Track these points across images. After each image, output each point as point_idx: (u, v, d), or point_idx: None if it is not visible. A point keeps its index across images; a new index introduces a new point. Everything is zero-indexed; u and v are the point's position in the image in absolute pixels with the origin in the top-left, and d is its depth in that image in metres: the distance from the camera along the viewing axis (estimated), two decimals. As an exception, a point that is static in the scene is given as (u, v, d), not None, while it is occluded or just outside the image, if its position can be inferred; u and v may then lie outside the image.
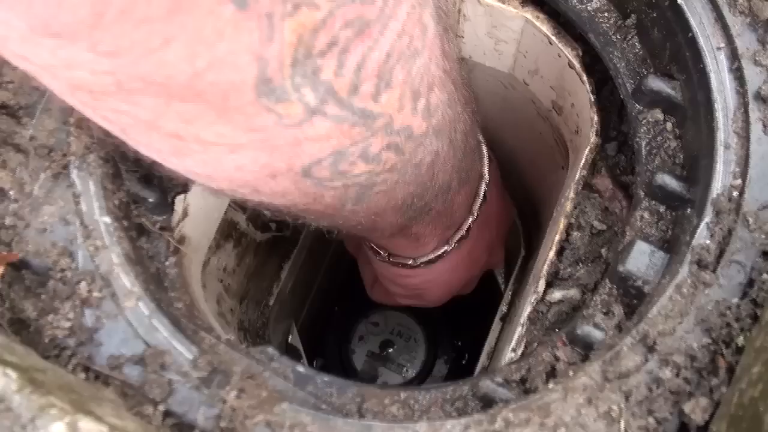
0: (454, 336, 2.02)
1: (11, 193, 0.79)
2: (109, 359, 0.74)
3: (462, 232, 1.07)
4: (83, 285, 0.76)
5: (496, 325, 1.43)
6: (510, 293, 1.45)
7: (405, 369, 1.92)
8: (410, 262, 1.12)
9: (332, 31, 0.50)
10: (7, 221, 0.78)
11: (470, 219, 1.06)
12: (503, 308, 1.42)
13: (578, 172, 0.96)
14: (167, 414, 0.72)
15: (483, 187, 1.07)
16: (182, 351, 0.75)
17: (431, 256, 1.10)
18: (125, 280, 0.77)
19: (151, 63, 0.47)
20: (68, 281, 0.77)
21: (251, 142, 0.58)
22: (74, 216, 0.79)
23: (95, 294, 0.76)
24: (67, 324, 0.75)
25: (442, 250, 1.09)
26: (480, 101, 1.30)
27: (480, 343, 1.51)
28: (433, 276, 1.17)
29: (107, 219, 0.79)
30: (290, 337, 1.71)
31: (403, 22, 0.56)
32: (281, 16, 0.47)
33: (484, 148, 1.08)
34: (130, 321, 0.76)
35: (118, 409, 0.68)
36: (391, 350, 1.95)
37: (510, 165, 1.38)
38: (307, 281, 1.78)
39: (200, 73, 0.49)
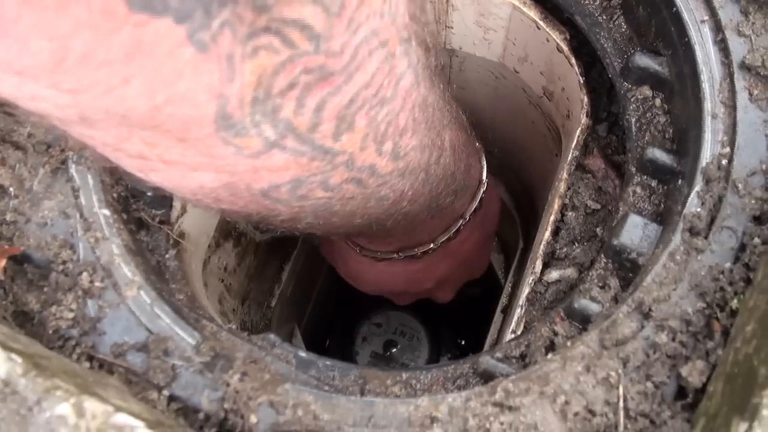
0: (457, 333, 2.03)
1: (11, 189, 0.80)
2: (113, 347, 0.75)
3: (460, 223, 1.08)
4: (85, 276, 0.77)
5: (497, 317, 1.43)
6: (510, 285, 1.46)
7: (410, 367, 1.93)
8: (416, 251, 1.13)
9: (291, 74, 0.51)
10: (8, 217, 0.79)
11: (469, 212, 1.07)
12: (504, 300, 1.43)
13: (570, 153, 0.97)
14: (172, 398, 0.73)
15: (459, 223, 1.08)
16: (185, 336, 0.76)
17: (419, 251, 1.11)
18: (126, 270, 0.78)
19: (111, 98, 0.48)
20: (70, 273, 0.78)
21: (211, 165, 0.59)
22: (74, 209, 0.80)
23: (97, 284, 0.77)
24: (70, 315, 0.76)
25: (428, 248, 1.10)
26: (471, 94, 1.32)
27: (483, 340, 1.52)
28: (412, 273, 1.19)
29: (107, 211, 0.80)
30: (293, 339, 1.71)
31: (372, 74, 0.57)
32: (241, 57, 0.48)
33: (481, 192, 1.08)
34: (132, 309, 0.77)
35: (122, 393, 0.69)
36: (394, 350, 1.95)
37: (505, 157, 1.39)
38: (308, 283, 1.79)
39: (159, 107, 0.50)
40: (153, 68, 0.46)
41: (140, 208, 0.88)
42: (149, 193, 0.87)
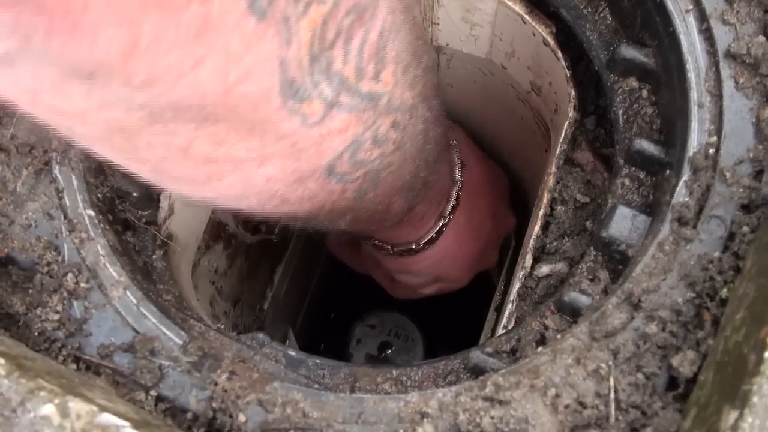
0: (452, 334, 2.02)
1: (-5, 191, 0.80)
2: (99, 348, 0.75)
3: (453, 202, 1.10)
4: (70, 277, 0.77)
5: (491, 316, 1.43)
6: (503, 283, 1.45)
7: (403, 367, 1.92)
8: (413, 246, 1.14)
9: (337, 20, 0.52)
10: (-8, 219, 0.79)
11: (456, 187, 1.10)
12: (497, 298, 1.43)
13: (559, 147, 0.96)
14: (159, 399, 0.73)
15: (456, 153, 1.11)
16: (172, 336, 0.75)
17: (431, 234, 1.12)
18: (112, 270, 0.78)
19: (184, 86, 0.48)
20: (55, 274, 0.77)
21: (279, 150, 0.60)
22: (58, 210, 0.80)
23: (82, 285, 0.77)
24: (56, 316, 0.75)
25: (440, 225, 1.11)
26: (459, 91, 1.32)
27: (477, 340, 1.51)
28: (441, 253, 1.17)
29: (91, 212, 0.80)
30: (287, 341, 1.71)
31: (387, 1, 0.58)
32: (296, 17, 0.48)
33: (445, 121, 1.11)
34: (118, 310, 0.76)
35: (109, 394, 0.69)
36: (389, 352, 1.95)
37: (494, 154, 1.39)
38: (301, 285, 1.78)
39: (231, 87, 0.50)
40: (222, 45, 0.46)
41: (126, 208, 0.88)
42: (135, 193, 0.87)
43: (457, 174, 1.10)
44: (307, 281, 1.83)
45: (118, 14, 0.41)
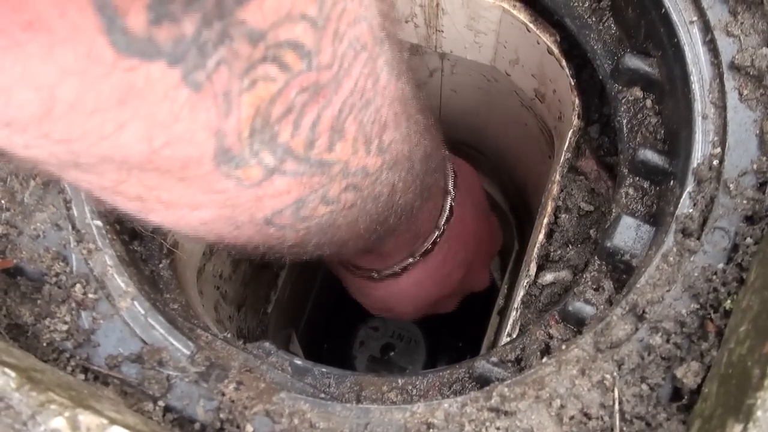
0: (455, 336, 2.03)
1: (3, 202, 0.80)
2: (108, 359, 0.75)
3: (427, 245, 1.08)
4: (78, 288, 0.77)
5: (494, 319, 1.44)
6: (506, 287, 1.46)
7: (407, 372, 1.93)
8: (374, 275, 1.13)
9: (288, 99, 0.50)
10: (0, 230, 0.79)
11: (435, 234, 1.08)
12: (500, 302, 1.43)
13: (563, 156, 0.97)
14: (167, 409, 0.73)
15: (449, 201, 1.07)
16: (179, 347, 0.76)
17: (395, 269, 1.11)
18: (120, 281, 0.78)
19: (106, 146, 0.46)
20: (63, 285, 0.78)
21: (212, 201, 0.58)
22: (66, 221, 0.80)
23: (90, 296, 0.77)
24: (64, 327, 0.76)
25: (406, 263, 1.10)
26: (463, 97, 1.32)
27: (480, 342, 1.52)
28: (399, 289, 1.17)
29: (99, 222, 0.80)
30: (290, 344, 1.71)
31: (356, 79, 0.56)
32: (238, 92, 0.46)
33: (450, 166, 1.09)
34: (126, 320, 0.77)
35: (117, 405, 0.69)
36: (392, 354, 1.95)
37: (498, 159, 1.39)
38: (304, 289, 1.79)
39: (157, 150, 0.48)
40: (148, 113, 0.45)
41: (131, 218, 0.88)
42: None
43: (442, 221, 1.08)
44: (310, 284, 1.84)
45: (35, 79, 0.40)
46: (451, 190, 1.08)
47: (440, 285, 1.22)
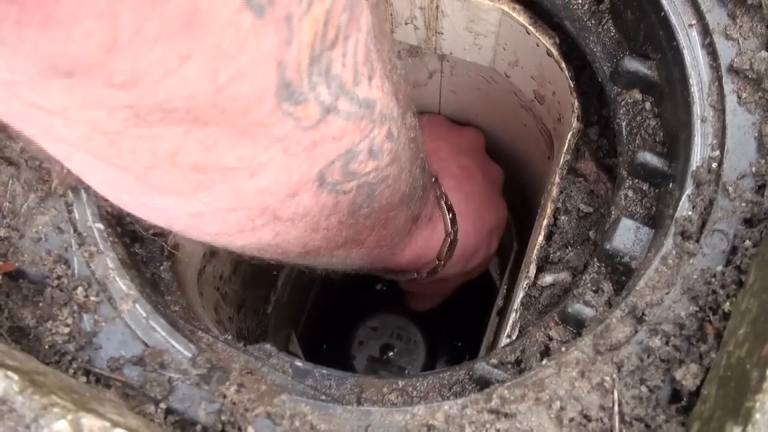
0: (453, 335, 2.03)
1: (5, 205, 0.80)
2: (109, 361, 0.76)
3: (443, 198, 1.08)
4: (80, 290, 0.77)
5: (493, 320, 1.44)
6: (505, 287, 1.46)
7: (406, 371, 1.93)
8: (445, 241, 1.09)
9: (336, 18, 0.49)
10: (2, 233, 0.79)
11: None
12: (499, 302, 1.44)
13: (562, 158, 0.97)
14: (169, 411, 0.73)
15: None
16: (181, 349, 0.76)
17: (449, 217, 1.08)
18: (121, 284, 0.78)
19: (170, 85, 0.45)
20: (65, 288, 0.78)
21: (270, 158, 0.56)
22: (67, 224, 0.80)
23: (92, 298, 0.77)
24: (66, 329, 0.76)
25: (448, 206, 1.07)
26: (463, 98, 1.32)
27: (479, 342, 1.52)
28: (467, 228, 1.15)
29: (101, 225, 0.81)
30: (290, 344, 1.72)
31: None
32: (299, 15, 0.45)
33: None
34: (127, 323, 0.77)
35: (119, 408, 0.70)
36: (391, 354, 1.96)
37: (497, 160, 1.39)
38: (303, 289, 1.79)
39: (222, 87, 0.46)
40: (212, 42, 0.43)
41: (134, 220, 0.88)
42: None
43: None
44: (310, 284, 1.84)
45: (95, 5, 0.38)
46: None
47: (485, 201, 1.22)
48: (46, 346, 0.76)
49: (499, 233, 1.33)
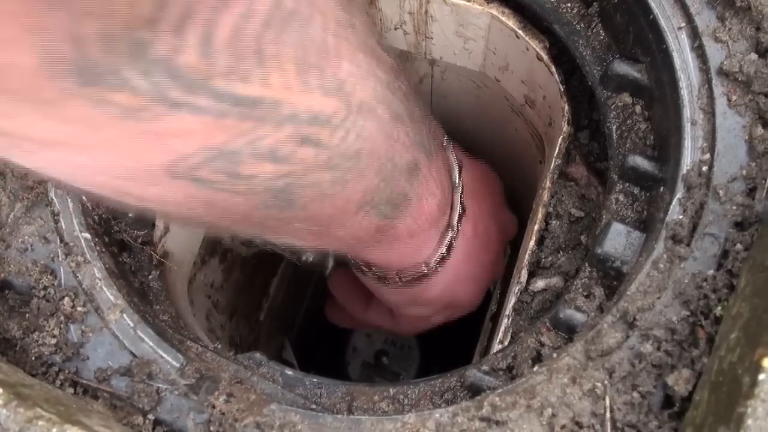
0: (447, 341, 2.02)
1: (-10, 215, 0.80)
2: (97, 372, 0.75)
3: (458, 209, 0.95)
4: (66, 301, 0.77)
5: (486, 325, 1.43)
6: (498, 292, 1.46)
7: (401, 377, 1.93)
8: (424, 269, 0.98)
9: None
10: (-12, 243, 0.79)
11: (458, 193, 0.95)
12: (492, 307, 1.43)
13: (553, 162, 0.97)
14: (157, 423, 0.73)
15: (451, 153, 0.96)
16: (169, 359, 0.75)
17: (442, 251, 0.97)
18: (108, 294, 0.78)
19: None
20: (51, 298, 0.77)
21: (96, 141, 0.48)
22: (54, 234, 0.80)
23: (79, 309, 0.77)
24: (53, 340, 0.75)
25: (448, 238, 0.96)
26: (454, 103, 1.32)
27: (473, 347, 1.51)
28: (453, 274, 1.02)
29: (87, 235, 0.80)
30: (284, 351, 1.71)
31: None
32: None
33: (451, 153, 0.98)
34: (115, 333, 0.76)
35: (107, 419, 0.69)
36: (385, 359, 1.95)
37: (489, 163, 1.39)
38: (297, 295, 1.78)
39: None
40: None
41: (122, 229, 0.88)
42: (131, 214, 0.87)
43: (456, 177, 0.94)
44: (303, 291, 1.83)
45: None
46: (447, 141, 0.96)
47: (486, 248, 1.09)
48: (33, 358, 0.75)
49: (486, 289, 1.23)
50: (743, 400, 0.58)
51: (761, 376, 0.57)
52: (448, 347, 2.03)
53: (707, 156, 0.77)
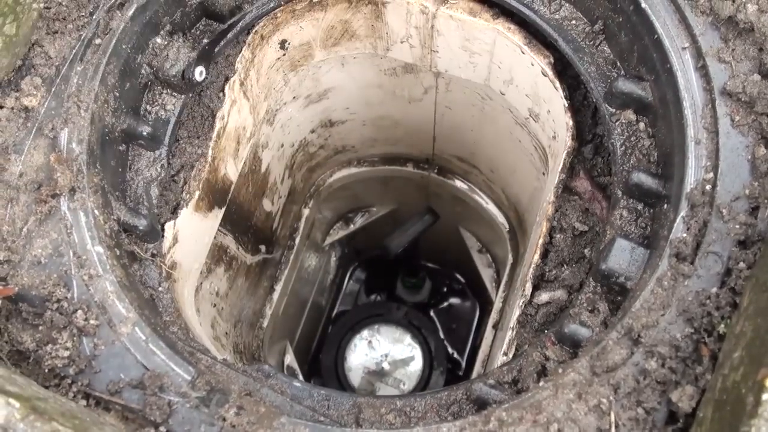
0: (449, 347, 2.03)
1: (4, 228, 0.81)
2: (109, 385, 0.76)
3: None
4: (79, 314, 0.78)
5: (488, 333, 1.44)
6: (501, 301, 1.47)
7: (402, 383, 1.94)
8: None
9: None
10: (1, 256, 0.80)
11: None
12: (494, 316, 1.44)
13: (557, 176, 0.98)
14: (169, 435, 0.74)
15: None
16: (180, 372, 0.76)
17: None
18: (120, 307, 0.79)
19: None
20: (64, 311, 0.78)
21: None
22: (67, 247, 0.81)
23: (92, 322, 0.78)
24: (66, 353, 0.76)
25: None
26: (458, 114, 1.33)
27: (474, 353, 1.53)
28: None
29: (100, 248, 0.81)
30: (287, 357, 1.72)
31: None
32: None
33: None
34: (127, 346, 0.77)
35: (120, 432, 0.70)
36: (387, 365, 1.96)
37: (492, 174, 1.40)
38: (299, 302, 1.79)
39: None
40: None
41: (132, 241, 0.89)
42: (141, 227, 0.88)
43: None
44: (305, 297, 1.84)
45: None
46: None
47: None
48: (46, 370, 0.76)
49: None
50: (747, 419, 0.59)
51: (765, 396, 0.58)
52: (449, 351, 2.04)
53: (711, 175, 0.78)
